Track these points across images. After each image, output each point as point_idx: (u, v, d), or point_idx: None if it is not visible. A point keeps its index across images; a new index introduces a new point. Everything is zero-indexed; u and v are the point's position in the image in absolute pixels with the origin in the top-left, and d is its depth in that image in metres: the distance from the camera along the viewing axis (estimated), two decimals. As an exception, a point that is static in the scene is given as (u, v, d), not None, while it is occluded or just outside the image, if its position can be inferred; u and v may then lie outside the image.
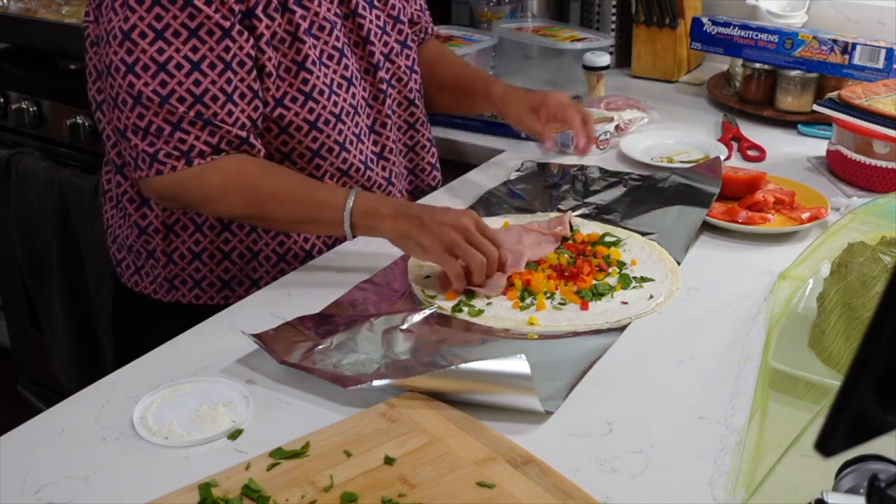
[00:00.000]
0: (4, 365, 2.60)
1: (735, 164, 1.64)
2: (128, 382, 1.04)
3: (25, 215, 2.17)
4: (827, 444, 0.52)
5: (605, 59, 1.91)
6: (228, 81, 1.23)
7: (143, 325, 1.45)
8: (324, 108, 1.31)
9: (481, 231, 1.21)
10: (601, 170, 1.60)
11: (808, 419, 0.89)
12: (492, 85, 1.55)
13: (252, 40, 1.25)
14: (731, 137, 1.74)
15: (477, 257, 1.18)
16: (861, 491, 0.71)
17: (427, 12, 1.60)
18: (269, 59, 1.27)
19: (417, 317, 1.16)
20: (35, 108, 2.24)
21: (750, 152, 1.69)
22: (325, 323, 1.13)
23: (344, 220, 1.22)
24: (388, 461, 0.89)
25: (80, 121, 2.13)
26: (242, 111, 1.25)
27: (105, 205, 1.44)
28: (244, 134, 1.25)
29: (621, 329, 1.15)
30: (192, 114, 1.21)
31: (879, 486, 0.58)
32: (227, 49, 1.22)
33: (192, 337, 1.14)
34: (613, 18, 2.23)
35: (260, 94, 1.27)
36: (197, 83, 1.21)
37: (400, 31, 1.47)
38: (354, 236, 1.24)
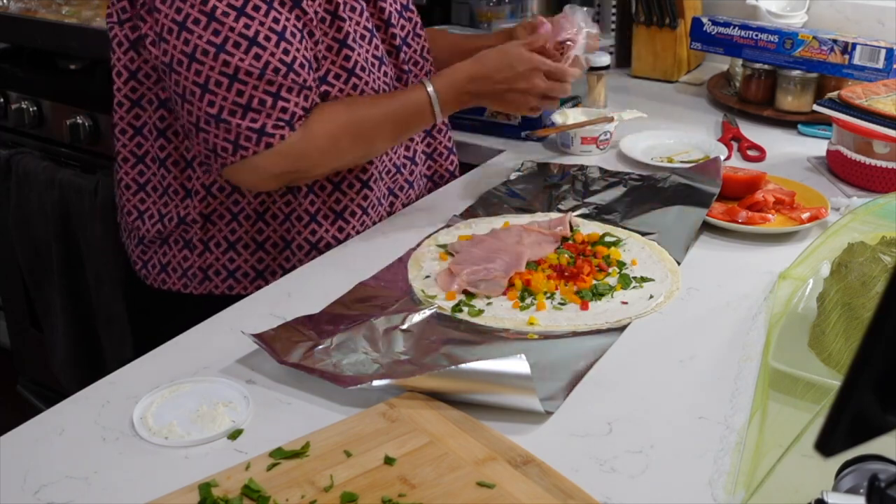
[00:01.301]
0: (4, 365, 2.60)
1: (735, 164, 1.63)
2: (128, 382, 1.04)
3: (25, 215, 2.17)
4: (827, 444, 0.52)
5: (605, 59, 1.91)
6: (308, 48, 1.28)
7: (172, 322, 1.46)
8: (366, 83, 1.35)
9: (551, 76, 1.36)
10: (601, 170, 1.60)
11: (808, 419, 0.89)
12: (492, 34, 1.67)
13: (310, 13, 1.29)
14: (731, 137, 1.73)
15: (563, 90, 1.38)
16: (861, 491, 0.71)
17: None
18: (314, 36, 1.30)
19: (417, 317, 1.16)
20: (35, 108, 2.24)
21: (750, 152, 1.69)
22: (325, 323, 1.13)
23: (437, 118, 1.36)
24: (388, 461, 0.89)
25: (80, 121, 2.13)
26: (315, 78, 1.29)
27: (130, 204, 1.41)
28: (318, 100, 1.30)
29: (621, 329, 1.15)
30: (288, 81, 1.24)
31: (879, 486, 0.58)
32: (298, 18, 1.27)
33: (192, 337, 1.14)
34: (613, 18, 2.23)
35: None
36: (286, 52, 1.24)
37: (410, 19, 1.50)
38: (444, 118, 1.39)
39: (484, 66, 1.35)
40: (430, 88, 1.34)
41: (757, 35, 1.88)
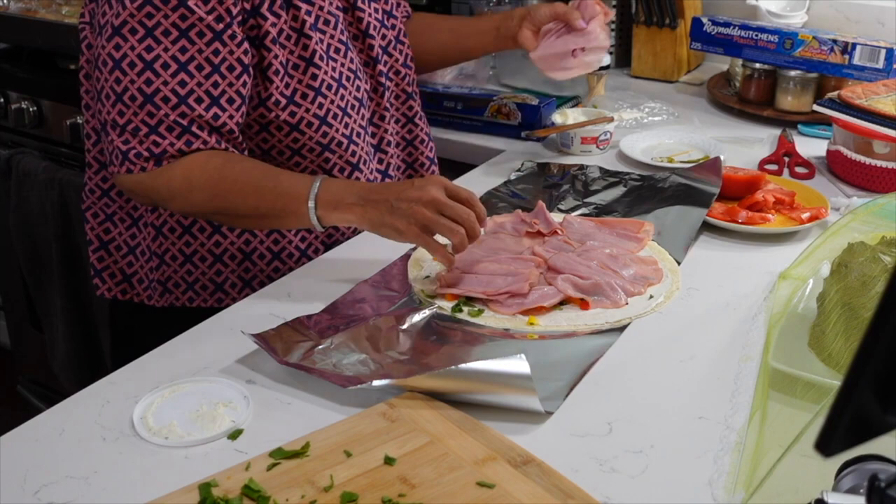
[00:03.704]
0: (4, 365, 2.60)
1: (783, 179, 1.56)
2: (128, 382, 1.04)
3: (25, 215, 2.17)
4: (827, 445, 0.52)
5: (605, 59, 1.91)
6: (215, 85, 1.21)
7: (137, 332, 1.45)
8: (332, 102, 1.31)
9: (453, 195, 1.15)
10: (601, 170, 1.60)
11: (808, 419, 0.89)
12: (477, 20, 1.56)
13: (246, 44, 1.23)
14: (784, 153, 1.68)
15: (455, 231, 1.14)
16: (861, 491, 0.71)
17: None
18: (276, 56, 1.26)
19: (417, 317, 1.16)
20: (35, 108, 2.24)
21: (798, 169, 1.63)
22: (324, 323, 1.13)
23: (309, 213, 1.17)
24: (388, 461, 0.89)
25: (80, 121, 2.13)
26: (230, 116, 1.23)
27: (96, 207, 1.41)
28: (221, 147, 1.23)
29: (621, 329, 1.15)
30: (173, 116, 1.19)
31: (879, 486, 0.58)
32: (216, 52, 1.21)
33: (191, 337, 1.14)
34: (613, 18, 2.23)
35: (247, 99, 1.25)
36: (182, 84, 1.20)
37: (393, 26, 1.47)
38: (325, 227, 1.20)
39: (391, 181, 1.22)
40: (317, 180, 1.18)
41: (757, 35, 1.88)
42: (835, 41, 1.81)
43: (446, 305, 1.19)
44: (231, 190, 1.21)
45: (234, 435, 0.95)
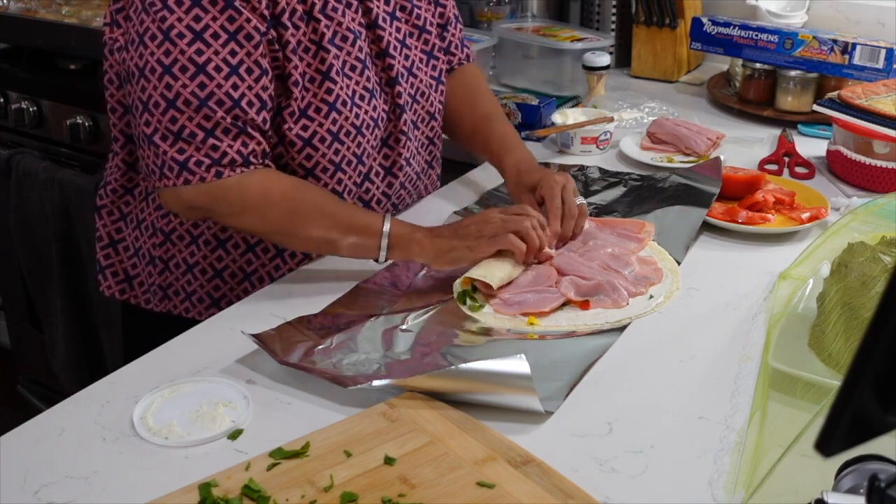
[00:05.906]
0: (4, 365, 2.60)
1: (783, 179, 1.56)
2: (128, 382, 1.04)
3: (25, 215, 2.17)
4: (827, 445, 0.52)
5: (605, 59, 1.91)
6: (264, 88, 1.21)
7: (131, 334, 1.45)
8: (346, 119, 1.29)
9: (504, 212, 1.26)
10: (601, 170, 1.60)
11: (808, 419, 0.89)
12: (506, 152, 1.47)
13: (278, 49, 1.23)
14: (783, 153, 1.68)
15: (525, 221, 1.23)
16: (861, 491, 0.71)
17: (466, 46, 1.56)
18: (296, 67, 1.25)
19: (417, 317, 1.16)
20: (35, 108, 2.24)
21: (798, 169, 1.63)
22: (325, 323, 1.13)
23: (381, 244, 1.22)
24: (388, 461, 0.89)
25: (80, 121, 2.13)
26: (271, 120, 1.24)
27: (114, 206, 1.40)
28: (268, 147, 1.24)
29: (621, 329, 1.15)
30: (229, 119, 1.18)
31: (879, 486, 0.58)
32: (263, 55, 1.20)
33: (192, 337, 1.14)
34: (613, 18, 2.23)
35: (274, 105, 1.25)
36: (235, 87, 1.18)
37: (426, 42, 1.44)
38: (385, 260, 1.24)
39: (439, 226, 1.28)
40: (387, 217, 1.23)
41: (757, 35, 1.88)
42: (835, 41, 1.81)
43: (457, 289, 1.20)
44: (310, 212, 1.23)
45: (234, 435, 0.95)
